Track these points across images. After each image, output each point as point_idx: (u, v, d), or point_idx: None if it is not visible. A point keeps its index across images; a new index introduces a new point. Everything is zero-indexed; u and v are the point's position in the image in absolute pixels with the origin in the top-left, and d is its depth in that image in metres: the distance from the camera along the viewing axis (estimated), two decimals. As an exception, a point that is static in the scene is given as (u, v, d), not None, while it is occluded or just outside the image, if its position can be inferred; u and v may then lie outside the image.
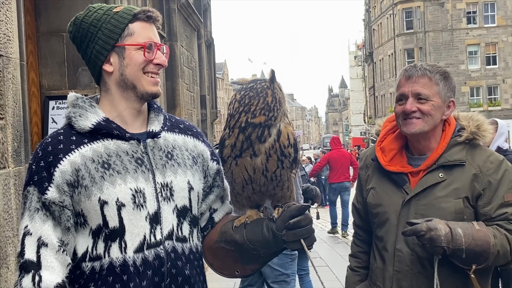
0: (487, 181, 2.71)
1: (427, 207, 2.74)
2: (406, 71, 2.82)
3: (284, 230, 2.06)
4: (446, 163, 2.76)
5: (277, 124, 2.11)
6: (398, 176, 2.83)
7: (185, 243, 2.23)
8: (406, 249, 2.76)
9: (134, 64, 2.15)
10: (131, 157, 2.16)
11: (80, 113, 2.16)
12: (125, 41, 2.16)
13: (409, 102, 2.74)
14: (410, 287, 2.78)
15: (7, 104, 3.24)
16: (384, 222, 2.85)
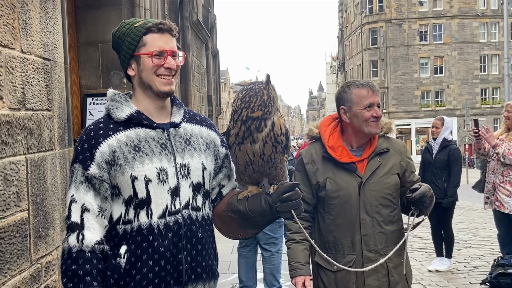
0: (406, 160, 3.01)
1: (376, 184, 2.91)
2: (372, 87, 2.94)
3: (278, 202, 2.07)
4: (379, 151, 2.95)
5: (272, 117, 2.12)
6: (349, 165, 2.94)
7: (199, 212, 2.22)
8: (368, 218, 2.89)
9: (147, 69, 2.16)
10: (157, 143, 2.17)
11: (116, 106, 2.18)
12: (139, 50, 2.16)
13: (378, 109, 2.91)
14: (374, 245, 2.89)
15: (54, 99, 3.23)
16: (347, 201, 2.91)
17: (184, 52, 2.35)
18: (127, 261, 2.11)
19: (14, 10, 2.76)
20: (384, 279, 2.90)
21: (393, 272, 2.92)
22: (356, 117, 2.91)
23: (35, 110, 2.97)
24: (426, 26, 52.23)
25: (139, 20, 2.24)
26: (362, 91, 2.92)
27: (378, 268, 2.84)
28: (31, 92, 2.93)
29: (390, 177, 2.93)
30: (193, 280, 2.19)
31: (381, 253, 2.87)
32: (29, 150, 2.89)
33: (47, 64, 3.14)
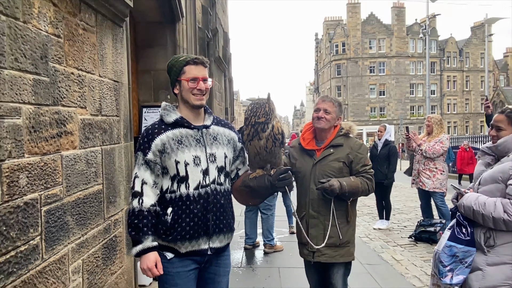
0: (355, 154, 2.87)
1: (325, 166, 2.85)
2: (322, 97, 2.97)
3: (276, 181, 2.11)
4: (333, 144, 2.89)
5: (272, 122, 2.13)
6: (311, 151, 2.93)
7: (222, 186, 2.23)
8: (314, 187, 2.83)
9: (186, 90, 2.18)
10: (193, 138, 2.18)
11: (167, 113, 2.20)
12: (181, 77, 2.19)
13: (321, 112, 2.88)
14: (317, 207, 2.85)
15: (121, 109, 3.22)
16: (304, 175, 2.90)
17: (212, 79, 2.36)
18: (172, 218, 2.12)
19: (95, 47, 2.76)
20: (321, 232, 2.83)
21: (329, 228, 2.81)
22: (313, 116, 2.98)
23: (108, 116, 2.97)
24: (374, 63, 52.10)
25: (184, 55, 2.27)
26: (316, 101, 3.00)
27: (317, 223, 2.84)
28: (105, 104, 2.93)
29: (336, 163, 2.84)
30: (217, 232, 2.20)
31: (320, 214, 2.83)
32: (104, 143, 2.89)
33: (116, 84, 3.13)
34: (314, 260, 2.86)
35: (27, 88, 1.98)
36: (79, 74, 2.52)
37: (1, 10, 1.81)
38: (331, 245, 2.81)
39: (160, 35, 5.69)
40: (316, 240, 2.82)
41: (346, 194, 2.73)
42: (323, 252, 2.82)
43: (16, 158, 1.89)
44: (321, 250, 2.81)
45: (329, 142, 2.90)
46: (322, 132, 2.92)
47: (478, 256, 2.45)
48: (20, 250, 1.91)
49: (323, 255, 2.83)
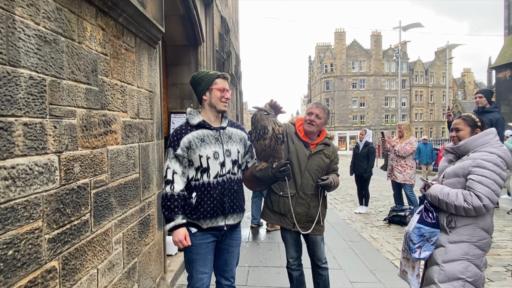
0: (334, 156, 2.86)
1: (317, 159, 2.79)
2: (316, 103, 2.90)
3: (278, 173, 2.09)
4: (324, 143, 2.84)
5: (270, 125, 2.10)
6: (305, 142, 2.82)
7: (235, 175, 2.22)
8: (307, 174, 2.76)
9: (216, 97, 2.18)
10: (213, 137, 2.17)
11: (192, 117, 2.20)
12: (213, 86, 2.18)
13: (313, 116, 2.80)
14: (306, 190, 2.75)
15: (154, 113, 3.21)
16: (300, 161, 2.79)
17: (231, 91, 2.37)
18: (196, 201, 2.13)
19: (134, 64, 2.76)
20: (305, 210, 2.75)
21: (312, 209, 2.76)
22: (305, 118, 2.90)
23: (144, 119, 2.97)
24: (356, 80, 51.82)
25: (209, 70, 2.26)
26: (310, 105, 2.91)
27: (303, 203, 2.75)
28: (142, 109, 2.93)
29: (326, 159, 2.81)
30: (231, 212, 2.20)
31: (308, 196, 2.75)
32: (141, 141, 2.89)
33: (150, 94, 3.13)
34: (294, 229, 2.78)
35: (81, 95, 1.99)
36: (121, 85, 2.53)
37: (61, 32, 1.82)
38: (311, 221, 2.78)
39: (185, 55, 5.70)
40: (299, 216, 2.75)
41: (332, 187, 2.75)
42: (304, 225, 2.78)
43: (72, 151, 1.90)
44: (302, 223, 2.76)
45: (322, 140, 2.86)
46: (310, 133, 2.85)
47: (442, 235, 2.45)
48: (74, 224, 1.92)
49: (304, 228, 2.77)
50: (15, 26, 1.52)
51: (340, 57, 51.48)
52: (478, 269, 2.36)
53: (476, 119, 2.55)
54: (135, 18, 2.64)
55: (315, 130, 2.81)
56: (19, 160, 1.53)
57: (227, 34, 9.70)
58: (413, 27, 21.47)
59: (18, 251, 1.51)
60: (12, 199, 1.49)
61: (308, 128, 2.80)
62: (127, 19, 2.54)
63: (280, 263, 4.27)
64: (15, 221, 1.50)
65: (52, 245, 1.73)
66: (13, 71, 1.50)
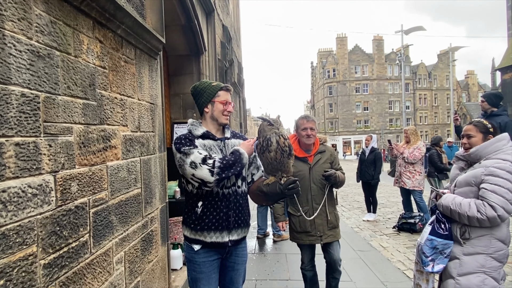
0: (334, 157, 3.02)
1: (318, 168, 2.95)
2: (306, 118, 2.99)
3: (286, 190, 1.97)
4: (320, 151, 3.00)
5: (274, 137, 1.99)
6: (303, 158, 2.98)
7: (239, 189, 2.14)
8: (314, 185, 2.93)
9: (218, 110, 2.11)
10: (218, 148, 2.10)
11: (195, 128, 2.12)
12: (215, 99, 2.11)
13: (309, 130, 2.93)
14: (318, 200, 2.93)
15: (156, 126, 3.15)
16: (303, 177, 2.93)
17: (234, 103, 2.29)
18: (201, 210, 2.05)
19: (134, 76, 2.70)
20: (324, 219, 2.94)
21: (329, 215, 2.95)
22: (300, 135, 2.99)
23: (145, 132, 2.89)
24: (359, 85, 51.77)
25: (212, 81, 2.19)
26: (300, 121, 3.01)
27: (321, 213, 2.92)
28: (143, 122, 2.86)
29: (325, 164, 2.97)
30: (236, 227, 2.10)
31: (320, 204, 2.93)
32: (142, 154, 2.81)
33: (152, 106, 3.06)
34: (323, 242, 2.94)
35: (78, 110, 1.92)
36: (121, 98, 2.46)
37: (55, 46, 1.75)
38: (332, 227, 2.95)
39: (187, 65, 5.65)
40: (322, 226, 2.92)
41: (338, 183, 2.89)
42: (328, 234, 2.93)
43: (68, 169, 1.82)
44: (326, 232, 2.93)
45: (317, 150, 3.00)
46: (309, 146, 2.99)
47: (455, 247, 2.35)
48: (71, 246, 1.82)
49: (329, 236, 2.93)
50: (5, 42, 1.44)
51: (343, 62, 51.50)
52: (496, 282, 2.25)
53: (488, 125, 2.45)
54: (135, 29, 2.58)
55: (313, 141, 2.99)
56: (10, 183, 1.44)
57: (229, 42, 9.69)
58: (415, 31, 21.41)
59: (10, 280, 1.42)
60: (3, 225, 1.40)
61: (308, 141, 2.96)
62: (126, 30, 2.48)
63: (288, 276, 4.15)
64: (7, 248, 1.41)
65: (48, 270, 1.63)
66: (3, 89, 1.43)
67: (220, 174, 1.93)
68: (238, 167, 2.00)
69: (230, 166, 1.97)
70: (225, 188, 2.07)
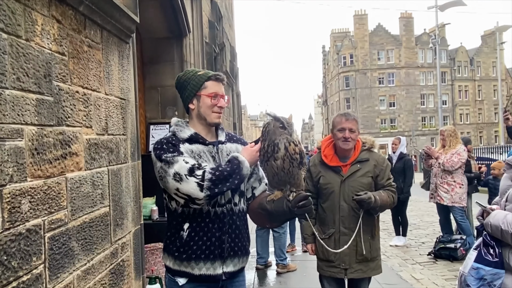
0: (380, 168, 2.97)
1: (353, 182, 2.93)
2: (345, 115, 2.99)
3: (295, 208, 1.95)
4: (360, 160, 2.97)
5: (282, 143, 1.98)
6: (336, 168, 2.98)
7: (236, 206, 2.13)
8: (345, 204, 2.91)
9: (205, 106, 2.09)
10: (209, 155, 2.09)
11: (180, 129, 2.10)
12: (201, 92, 2.09)
13: (347, 132, 2.90)
14: (348, 224, 2.92)
15: (127, 127, 3.17)
16: (332, 192, 2.95)
17: (228, 96, 2.29)
18: (188, 234, 2.03)
19: (100, 65, 2.71)
20: (353, 248, 2.90)
21: (362, 244, 2.90)
22: (335, 136, 2.98)
23: (114, 135, 2.91)
24: (383, 74, 52.13)
25: (199, 70, 2.18)
26: (338, 119, 2.99)
27: (348, 240, 2.88)
28: (112, 122, 2.87)
29: (365, 178, 2.93)
30: (232, 256, 2.09)
31: (352, 230, 2.89)
32: (110, 163, 2.82)
33: (122, 102, 3.09)
34: (348, 277, 2.92)
35: (30, 108, 1.92)
36: (84, 92, 2.47)
37: (2, 27, 1.76)
38: (363, 260, 2.91)
39: (167, 50, 5.68)
40: (348, 257, 2.89)
41: (377, 209, 2.84)
42: (356, 268, 2.90)
43: (18, 183, 1.82)
44: (353, 266, 2.89)
45: (356, 158, 2.97)
46: (346, 152, 2.98)
47: (508, 278, 2.35)
48: (22, 280, 1.82)
49: (356, 271, 2.91)
50: None
51: (362, 46, 51.90)
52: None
53: None
54: (101, 5, 2.60)
55: (352, 146, 2.97)
56: None
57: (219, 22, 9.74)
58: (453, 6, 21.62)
59: None
60: None
61: (345, 146, 2.94)
62: (90, 7, 2.50)
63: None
64: None
65: (-8, 311, 1.64)
66: None
67: (212, 189, 1.92)
68: (236, 180, 1.98)
69: (225, 178, 1.95)
70: (218, 206, 2.05)
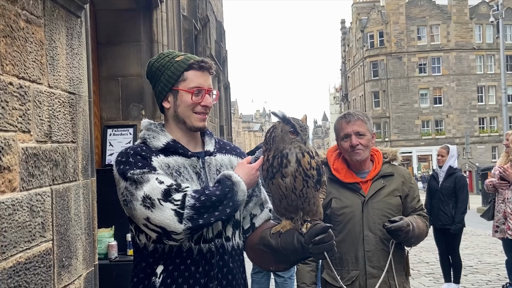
0: (409, 186, 3.06)
1: (379, 203, 2.96)
2: (345, 117, 3.03)
3: (311, 244, 1.94)
4: (383, 174, 3.03)
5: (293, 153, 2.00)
6: (353, 185, 3.01)
7: (229, 242, 2.14)
8: (371, 234, 2.93)
9: (184, 105, 2.10)
10: (192, 171, 2.10)
11: (153, 135, 2.12)
12: (179, 85, 2.10)
13: (353, 138, 2.94)
14: (377, 261, 2.93)
15: (78, 131, 3.20)
16: (351, 218, 2.96)
17: (217, 91, 2.31)
18: (162, 281, 2.03)
19: (42, 47, 2.74)
20: None
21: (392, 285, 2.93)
22: (341, 147, 3.04)
23: (60, 142, 2.93)
24: (425, 59, 52.49)
25: (179, 54, 2.19)
26: (337, 125, 3.07)
27: (381, 285, 2.90)
28: (57, 125, 2.90)
29: (392, 198, 2.99)
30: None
31: (382, 270, 2.90)
32: (54, 182, 2.84)
33: (72, 98, 3.11)
34: None
35: None
36: (20, 84, 2.49)
37: None
38: None
39: (131, 27, 5.73)
40: None
41: (413, 240, 2.90)
42: None
43: None
44: None
45: (379, 171, 3.04)
46: (360, 164, 3.04)
47: None
48: None
49: None
50: None
51: (396, 21, 52.27)
52: None
53: None
54: (44, -34, 2.63)
55: (366, 155, 3.02)
56: None
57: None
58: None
59: None
60: None
61: (357, 157, 2.98)
62: (30, -32, 2.53)
63: None
64: None
65: None
66: None
67: (195, 220, 1.92)
68: (228, 207, 2.00)
69: (213, 205, 1.96)
70: (204, 241, 2.06)
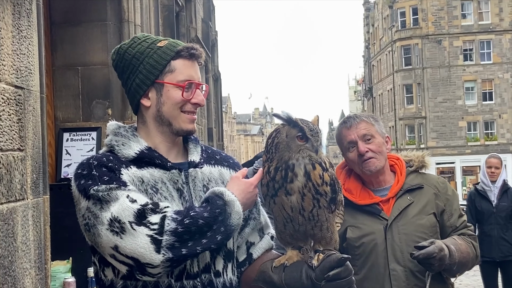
0: (445, 198, 3.08)
1: (407, 226, 2.98)
2: (345, 123, 3.12)
3: (323, 281, 1.96)
4: (409, 188, 3.05)
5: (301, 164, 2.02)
6: (371, 207, 3.04)
7: (220, 278, 2.14)
8: (399, 267, 2.95)
9: (172, 103, 2.11)
10: (172, 187, 2.10)
11: (122, 142, 2.12)
12: (165, 78, 2.11)
13: (360, 144, 2.99)
14: None
15: (27, 136, 3.20)
16: (372, 249, 3.00)
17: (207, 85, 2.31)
18: None
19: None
20: None
21: None
22: (348, 160, 3.12)
23: (4, 150, 2.93)
24: (471, 43, 52.56)
25: (160, 38, 2.20)
26: (338, 134, 3.16)
27: None
28: (0, 129, 2.90)
29: (424, 218, 3.01)
30: None
31: None
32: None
33: (19, 93, 3.12)
34: None
35: None
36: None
37: None
38: None
39: (94, 2, 5.75)
40: None
41: (454, 268, 2.87)
42: None
43: None
44: None
45: (402, 185, 3.07)
46: (378, 174, 3.10)
47: None
48: None
49: None
50: None
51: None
52: None
53: None
54: None
55: (382, 164, 3.07)
56: None
57: (185, -49, 9.85)
58: None
59: None
60: None
61: (371, 167, 3.03)
62: None
63: None
64: None
65: None
66: None
67: (177, 249, 1.93)
68: (218, 233, 1.99)
69: (200, 230, 1.96)
70: (187, 278, 2.07)
